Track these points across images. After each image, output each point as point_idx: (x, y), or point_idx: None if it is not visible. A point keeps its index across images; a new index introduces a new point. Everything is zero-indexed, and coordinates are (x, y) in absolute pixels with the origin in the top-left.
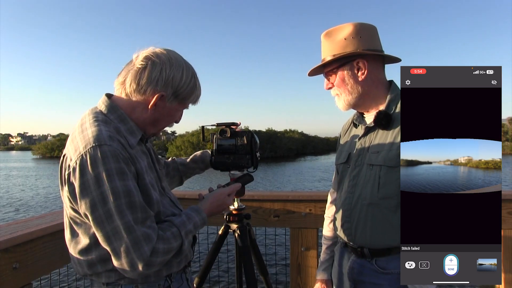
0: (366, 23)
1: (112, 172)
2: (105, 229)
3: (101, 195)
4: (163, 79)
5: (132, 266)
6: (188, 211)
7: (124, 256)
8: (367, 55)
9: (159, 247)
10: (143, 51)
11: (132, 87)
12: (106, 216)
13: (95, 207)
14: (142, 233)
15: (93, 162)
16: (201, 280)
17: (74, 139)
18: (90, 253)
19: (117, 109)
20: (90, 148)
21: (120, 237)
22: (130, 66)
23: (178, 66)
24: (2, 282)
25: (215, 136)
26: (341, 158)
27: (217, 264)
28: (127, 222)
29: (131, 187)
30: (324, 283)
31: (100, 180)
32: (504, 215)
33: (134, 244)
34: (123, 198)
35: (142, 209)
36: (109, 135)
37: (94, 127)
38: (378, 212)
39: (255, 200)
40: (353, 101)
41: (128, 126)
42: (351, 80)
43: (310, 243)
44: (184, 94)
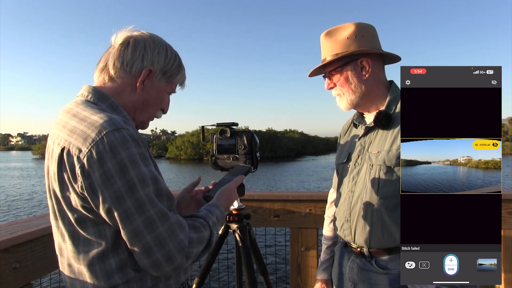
0: (365, 23)
1: (136, 157)
2: (135, 222)
3: (127, 184)
4: (149, 55)
5: (169, 259)
6: (206, 207)
7: (160, 249)
8: (371, 54)
9: (192, 236)
10: (120, 32)
11: (116, 66)
12: (136, 207)
13: (122, 199)
14: (175, 221)
15: (114, 148)
16: (201, 280)
17: (73, 130)
18: (106, 260)
19: (107, 97)
20: (106, 133)
21: (154, 228)
22: (110, 49)
23: (160, 43)
24: (2, 282)
25: (215, 136)
26: (341, 158)
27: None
28: (161, 209)
29: (155, 173)
30: (324, 283)
31: (125, 167)
32: (504, 215)
33: (171, 234)
34: (151, 185)
35: (168, 196)
36: (122, 120)
37: (98, 113)
38: (378, 212)
39: (255, 200)
40: (356, 101)
41: (121, 115)
42: (355, 79)
43: (310, 243)
44: (171, 71)
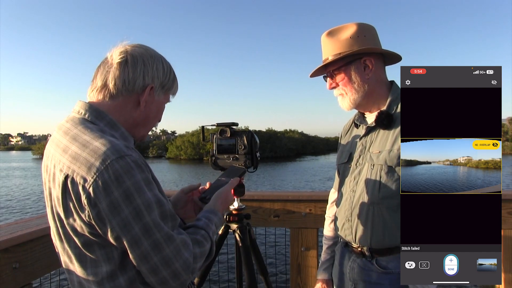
0: (366, 23)
1: (141, 183)
2: (143, 245)
3: (134, 211)
4: (149, 71)
5: (175, 276)
6: (205, 214)
7: (166, 268)
8: (373, 53)
9: (196, 252)
10: (115, 48)
11: (118, 85)
12: (142, 232)
13: (130, 226)
14: (180, 241)
15: (118, 176)
16: (201, 280)
17: (76, 157)
18: (116, 279)
19: (104, 115)
20: (111, 162)
21: (160, 250)
22: (107, 67)
23: (156, 57)
24: (2, 282)
25: (215, 136)
26: (342, 158)
27: (217, 264)
28: (167, 232)
29: (160, 196)
30: (325, 283)
31: (131, 195)
32: (504, 215)
33: (176, 254)
34: (156, 209)
35: (172, 217)
36: (124, 145)
37: (99, 138)
38: (379, 211)
39: (255, 200)
40: (359, 100)
41: (120, 133)
42: (358, 78)
43: (310, 243)
44: (169, 84)
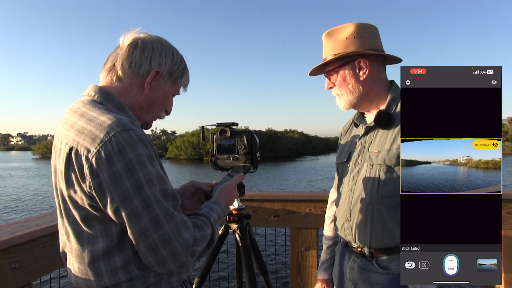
0: (367, 23)
1: (144, 157)
2: (142, 221)
3: (135, 184)
4: (156, 57)
5: (174, 256)
6: (207, 204)
7: (165, 247)
8: (369, 55)
9: (196, 235)
10: (128, 33)
11: (124, 67)
12: (143, 206)
13: (130, 199)
14: (181, 220)
15: (122, 148)
16: (201, 280)
17: (81, 130)
18: (112, 257)
19: (113, 97)
20: (115, 134)
21: (160, 227)
22: (118, 50)
23: (167, 45)
24: (2, 282)
25: (215, 136)
26: (341, 158)
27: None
28: (167, 209)
29: (161, 173)
30: (325, 283)
31: (132, 168)
32: (504, 215)
33: (176, 232)
34: (158, 184)
35: (173, 196)
36: (130, 121)
37: (106, 114)
38: (378, 211)
39: (255, 200)
40: (354, 101)
41: (127, 115)
42: (352, 79)
43: (310, 243)
44: (177, 73)
